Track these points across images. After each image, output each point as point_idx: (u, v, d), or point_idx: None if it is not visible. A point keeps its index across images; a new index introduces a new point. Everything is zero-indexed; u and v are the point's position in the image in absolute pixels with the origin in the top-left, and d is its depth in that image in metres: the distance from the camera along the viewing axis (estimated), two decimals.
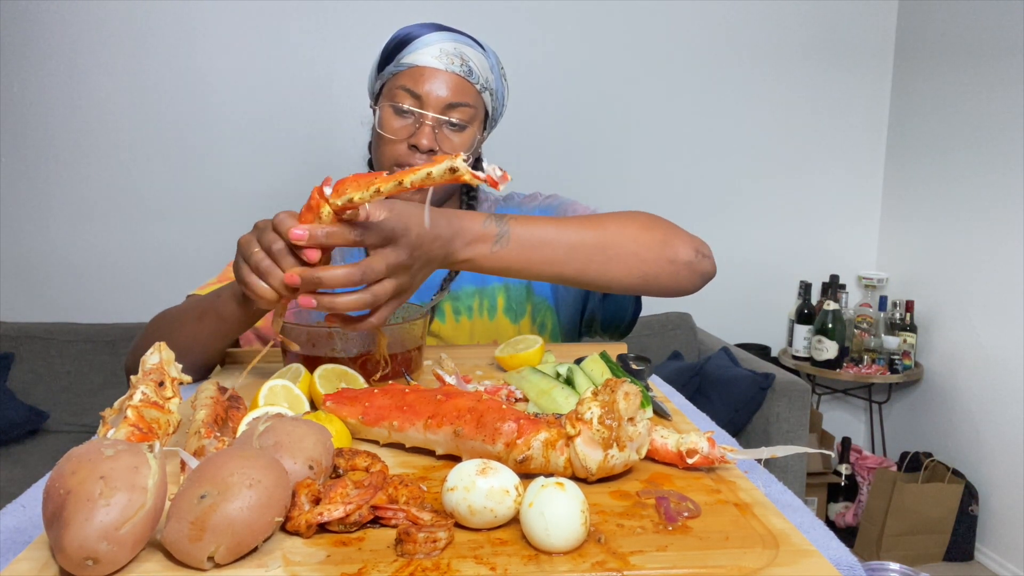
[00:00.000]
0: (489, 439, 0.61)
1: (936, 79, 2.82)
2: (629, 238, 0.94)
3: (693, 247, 0.99)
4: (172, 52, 2.70)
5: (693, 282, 1.00)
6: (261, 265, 0.76)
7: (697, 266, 0.99)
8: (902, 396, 3.02)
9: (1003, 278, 2.53)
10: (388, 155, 1.09)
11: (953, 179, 2.75)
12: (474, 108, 1.09)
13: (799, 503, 0.60)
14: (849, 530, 2.79)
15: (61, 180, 2.73)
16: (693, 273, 0.99)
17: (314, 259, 0.74)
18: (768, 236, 3.07)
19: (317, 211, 0.73)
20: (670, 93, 2.95)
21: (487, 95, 1.12)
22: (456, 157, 0.65)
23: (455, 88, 1.07)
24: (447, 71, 1.07)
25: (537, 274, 0.90)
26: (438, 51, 1.07)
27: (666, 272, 0.96)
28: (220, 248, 2.74)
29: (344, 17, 2.73)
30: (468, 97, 1.08)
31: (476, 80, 1.09)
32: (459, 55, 1.08)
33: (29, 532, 0.55)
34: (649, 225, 0.97)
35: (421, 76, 1.07)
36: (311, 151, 2.79)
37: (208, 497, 0.47)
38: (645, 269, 0.94)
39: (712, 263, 1.03)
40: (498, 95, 1.15)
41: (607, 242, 0.92)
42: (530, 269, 0.89)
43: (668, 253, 0.96)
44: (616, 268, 0.93)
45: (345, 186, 0.71)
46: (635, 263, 0.94)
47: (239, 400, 0.73)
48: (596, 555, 0.49)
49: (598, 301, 1.17)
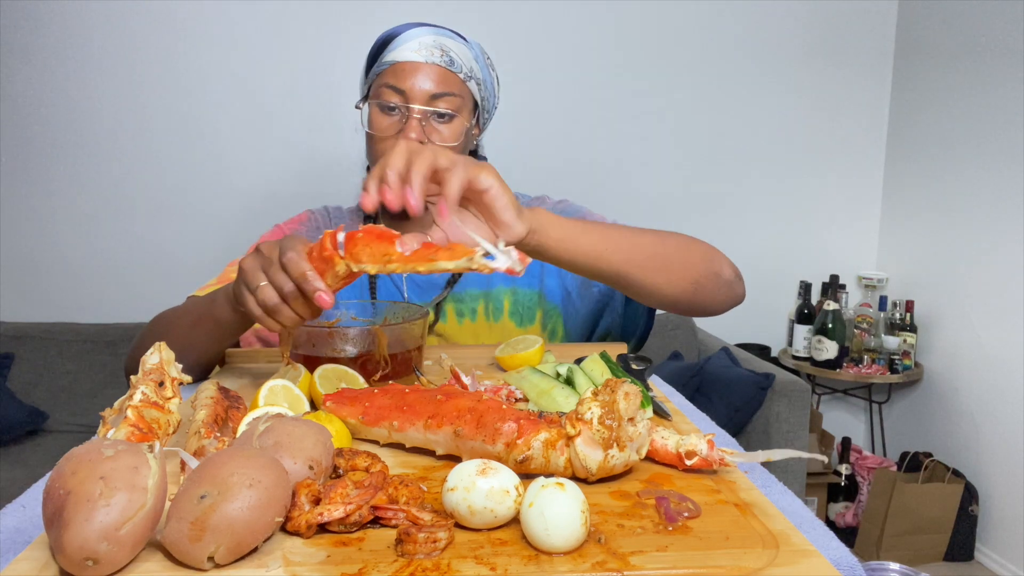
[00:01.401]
0: (489, 439, 0.61)
1: (936, 79, 2.82)
2: (680, 246, 0.96)
3: (732, 268, 1.02)
4: (172, 52, 2.70)
5: (727, 303, 1.03)
6: (269, 303, 0.76)
7: (735, 287, 1.02)
8: (902, 396, 3.02)
9: (1003, 278, 2.53)
10: (379, 153, 1.10)
11: (953, 179, 2.75)
12: (460, 97, 1.10)
13: (799, 503, 0.60)
14: (849, 530, 2.79)
15: (61, 180, 2.73)
16: (731, 293, 1.02)
17: (329, 308, 0.75)
18: (768, 236, 3.07)
19: (331, 262, 0.72)
20: (670, 93, 2.95)
21: (473, 84, 1.12)
22: (473, 253, 0.65)
23: (438, 79, 1.08)
24: (428, 63, 1.08)
25: (605, 262, 0.89)
26: (417, 45, 1.08)
27: (711, 284, 0.98)
28: (220, 248, 2.74)
29: (344, 17, 2.73)
30: (452, 87, 1.09)
31: (459, 70, 1.10)
32: (439, 47, 1.09)
33: (29, 532, 0.55)
34: (692, 239, 1.00)
35: (403, 71, 1.08)
36: (311, 151, 2.79)
37: (208, 497, 0.47)
38: (695, 276, 0.96)
39: (744, 287, 1.05)
40: (486, 85, 1.15)
41: (662, 245, 0.94)
42: (600, 255, 0.89)
43: (714, 267, 0.99)
44: (674, 270, 0.94)
45: (358, 248, 0.70)
46: (688, 268, 0.95)
47: (239, 400, 0.73)
48: (596, 555, 0.49)
49: (617, 315, 1.17)
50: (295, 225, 1.23)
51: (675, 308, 1.00)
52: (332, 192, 2.58)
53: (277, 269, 0.76)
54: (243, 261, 0.80)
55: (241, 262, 0.81)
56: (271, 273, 0.76)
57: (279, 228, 1.23)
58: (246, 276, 0.79)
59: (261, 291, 0.76)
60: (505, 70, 2.80)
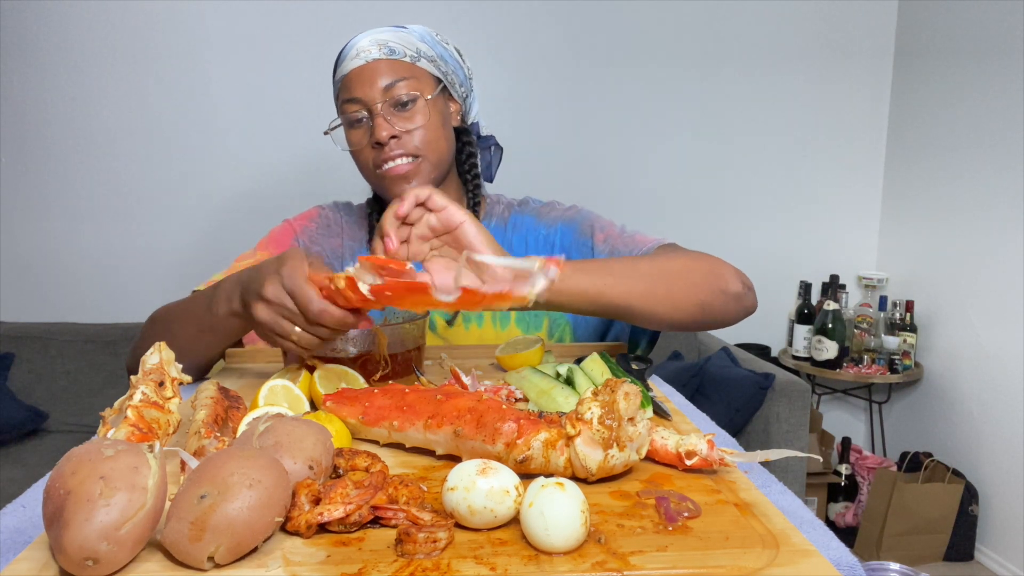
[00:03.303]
0: (489, 439, 0.61)
1: (936, 79, 2.82)
2: (682, 271, 0.96)
3: (740, 280, 1.01)
4: (172, 52, 2.70)
5: (738, 316, 1.02)
6: (313, 344, 0.79)
7: (744, 299, 1.01)
8: (902, 396, 3.02)
9: (1003, 278, 2.53)
10: (363, 165, 1.13)
11: (953, 179, 2.75)
12: (414, 79, 1.10)
13: (799, 503, 0.60)
14: (849, 530, 2.79)
15: (61, 180, 2.73)
16: (740, 307, 1.01)
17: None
18: (768, 236, 3.07)
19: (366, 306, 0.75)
20: (670, 93, 2.95)
21: (424, 63, 1.12)
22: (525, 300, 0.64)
23: (384, 71, 1.09)
24: (368, 62, 1.09)
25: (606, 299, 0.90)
26: (355, 52, 1.10)
27: (719, 302, 0.97)
28: (220, 248, 2.74)
29: (344, 17, 2.73)
30: (400, 72, 1.10)
31: (402, 55, 1.10)
32: (375, 44, 1.10)
33: (29, 532, 0.55)
34: (696, 258, 0.99)
35: (352, 81, 1.10)
36: (312, 150, 2.79)
37: (208, 497, 0.47)
38: (701, 299, 0.95)
39: (755, 297, 1.04)
40: (444, 60, 1.15)
41: (662, 273, 0.94)
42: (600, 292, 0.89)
43: (720, 284, 0.98)
44: (677, 296, 0.93)
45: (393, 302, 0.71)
46: (693, 292, 0.95)
47: (239, 400, 0.73)
48: (596, 555, 0.49)
49: (627, 325, 1.16)
50: (305, 221, 1.24)
51: (684, 329, 1.00)
52: (334, 191, 2.56)
53: (307, 323, 0.77)
54: (257, 313, 0.80)
55: (256, 314, 0.80)
56: (302, 324, 0.78)
57: (289, 223, 1.23)
58: (273, 327, 0.79)
59: (301, 338, 0.79)
60: (506, 69, 2.82)
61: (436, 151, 1.11)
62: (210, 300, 0.92)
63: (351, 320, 0.76)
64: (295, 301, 0.76)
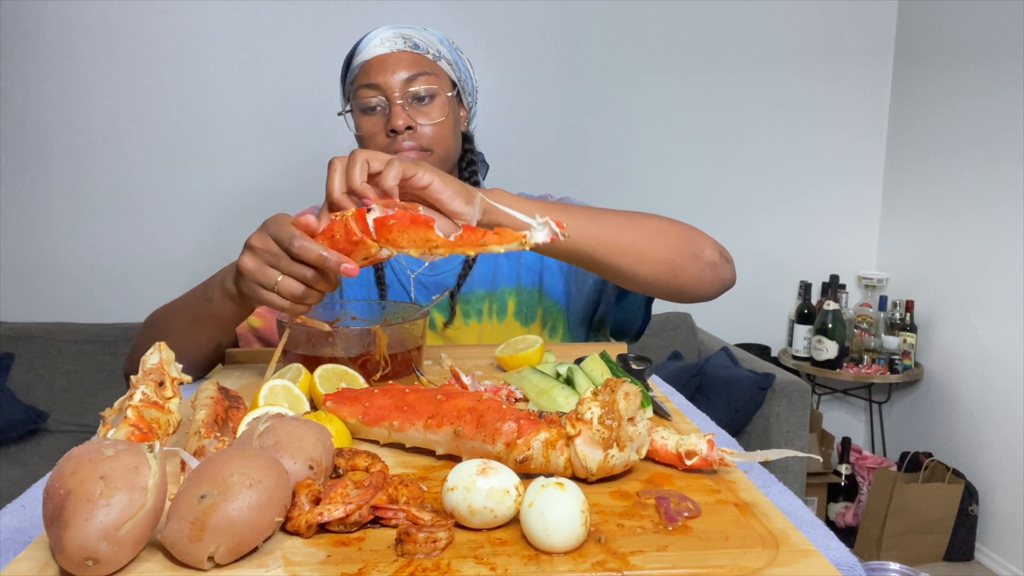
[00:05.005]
0: (489, 439, 0.61)
1: (936, 79, 2.82)
2: (654, 228, 0.95)
3: (717, 249, 1.00)
4: (172, 52, 2.70)
5: (715, 286, 1.01)
6: (296, 292, 0.78)
7: (720, 269, 1.00)
8: (902, 396, 3.02)
9: (1003, 278, 2.53)
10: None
11: (953, 180, 2.75)
12: (434, 75, 1.11)
13: (799, 503, 0.60)
14: (849, 530, 2.79)
15: (61, 180, 2.73)
16: (716, 276, 1.00)
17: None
18: (768, 236, 3.07)
19: (361, 246, 0.73)
20: (670, 94, 2.95)
21: (444, 64, 1.14)
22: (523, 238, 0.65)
23: (408, 63, 1.10)
24: (394, 52, 1.10)
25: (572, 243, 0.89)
26: (380, 40, 1.11)
27: (692, 266, 0.96)
28: (220, 248, 2.74)
29: (344, 17, 2.73)
30: (424, 67, 1.11)
31: (426, 51, 1.12)
32: (400, 36, 1.12)
33: (29, 532, 0.55)
34: (670, 220, 0.98)
35: (373, 67, 1.10)
36: (311, 151, 2.79)
37: (208, 497, 0.47)
38: (672, 257, 0.94)
39: (733, 270, 1.03)
40: (458, 66, 1.17)
41: (632, 226, 0.93)
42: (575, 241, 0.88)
43: (695, 248, 0.97)
44: (647, 251, 0.92)
45: (394, 234, 0.71)
46: (663, 250, 0.93)
47: (239, 400, 0.73)
48: (596, 555, 0.49)
49: (611, 304, 1.17)
50: None
51: (658, 292, 0.98)
52: None
53: (290, 261, 0.77)
54: (242, 262, 0.80)
55: (240, 263, 0.80)
56: (285, 266, 0.77)
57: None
58: (256, 276, 0.79)
59: (282, 286, 0.78)
60: (506, 68, 2.82)
61: (446, 149, 1.13)
62: (205, 289, 0.94)
63: (332, 260, 0.74)
64: (278, 242, 0.77)
